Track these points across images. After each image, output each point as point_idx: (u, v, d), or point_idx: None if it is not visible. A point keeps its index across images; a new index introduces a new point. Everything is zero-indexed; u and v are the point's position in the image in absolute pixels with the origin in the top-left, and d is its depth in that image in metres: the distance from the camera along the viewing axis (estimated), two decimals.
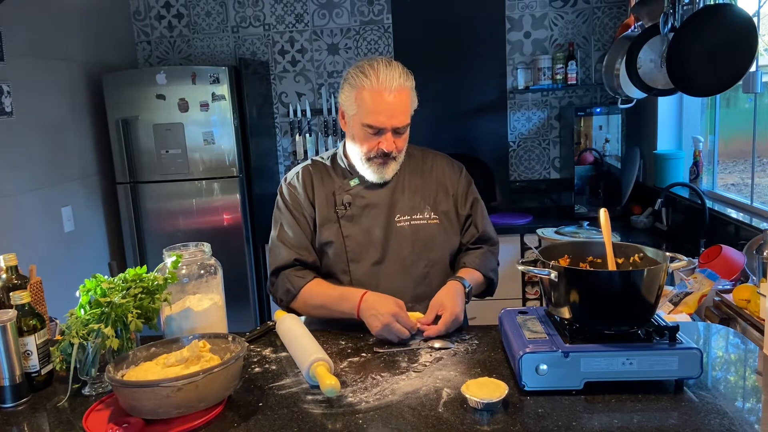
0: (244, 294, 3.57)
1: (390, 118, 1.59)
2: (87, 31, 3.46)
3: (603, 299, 1.22)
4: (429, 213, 1.72)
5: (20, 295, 1.34)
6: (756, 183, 2.71)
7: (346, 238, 1.68)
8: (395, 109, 1.59)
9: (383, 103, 1.58)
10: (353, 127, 1.65)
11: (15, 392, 1.29)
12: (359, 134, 1.64)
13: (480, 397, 1.13)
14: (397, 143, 1.64)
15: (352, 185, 1.72)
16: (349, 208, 1.69)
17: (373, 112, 1.58)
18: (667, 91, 2.42)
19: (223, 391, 1.19)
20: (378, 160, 1.65)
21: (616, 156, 3.57)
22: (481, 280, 1.73)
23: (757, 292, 1.73)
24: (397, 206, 1.71)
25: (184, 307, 1.45)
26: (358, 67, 1.63)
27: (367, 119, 1.60)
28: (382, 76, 1.57)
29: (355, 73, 1.61)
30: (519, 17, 3.82)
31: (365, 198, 1.71)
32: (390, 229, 1.70)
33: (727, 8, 2.04)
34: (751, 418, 1.11)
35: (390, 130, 1.61)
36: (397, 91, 1.58)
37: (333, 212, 1.70)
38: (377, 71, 1.58)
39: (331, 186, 1.73)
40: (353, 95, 1.62)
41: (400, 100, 1.59)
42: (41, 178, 2.97)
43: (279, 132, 4.05)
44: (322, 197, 1.72)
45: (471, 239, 1.78)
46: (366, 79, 1.59)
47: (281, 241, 1.71)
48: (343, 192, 1.71)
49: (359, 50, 3.93)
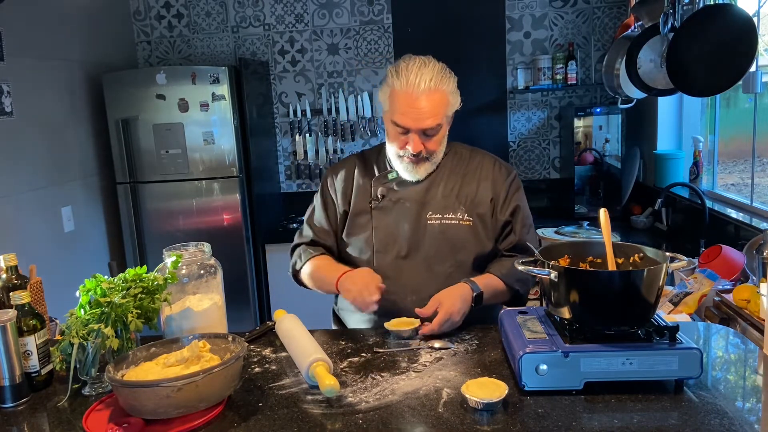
0: (244, 294, 3.57)
1: (416, 121, 1.59)
2: (87, 31, 3.46)
3: (603, 299, 1.22)
4: (462, 214, 1.70)
5: (20, 295, 1.34)
6: (756, 183, 2.71)
7: (375, 229, 1.72)
8: (423, 112, 1.58)
9: (411, 106, 1.58)
10: (387, 123, 1.68)
11: (15, 392, 1.29)
12: (390, 131, 1.67)
13: (480, 397, 1.13)
14: (427, 145, 1.63)
15: (389, 178, 1.74)
16: (382, 201, 1.72)
17: (400, 113, 1.60)
18: (667, 91, 2.42)
19: (223, 391, 1.19)
20: (407, 159, 1.66)
21: (616, 156, 3.57)
22: (502, 288, 1.68)
23: (757, 292, 1.73)
24: (431, 204, 1.71)
25: (184, 307, 1.45)
26: (395, 65, 1.64)
27: (395, 118, 1.61)
28: (412, 78, 1.58)
29: (391, 71, 1.64)
30: (519, 17, 3.82)
31: (398, 192, 1.73)
32: (419, 226, 1.70)
33: (727, 8, 2.04)
34: (751, 418, 1.11)
35: (416, 132, 1.61)
36: (426, 93, 1.58)
37: (367, 203, 1.74)
38: (409, 72, 1.59)
39: (370, 178, 1.76)
40: (387, 93, 1.65)
41: (429, 102, 1.59)
42: (41, 178, 2.97)
43: (279, 132, 4.05)
44: (359, 188, 1.76)
45: (508, 246, 1.73)
46: (397, 79, 1.60)
47: (309, 222, 1.83)
48: (379, 184, 1.74)
49: (359, 50, 3.93)
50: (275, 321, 1.58)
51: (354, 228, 1.75)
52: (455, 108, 1.68)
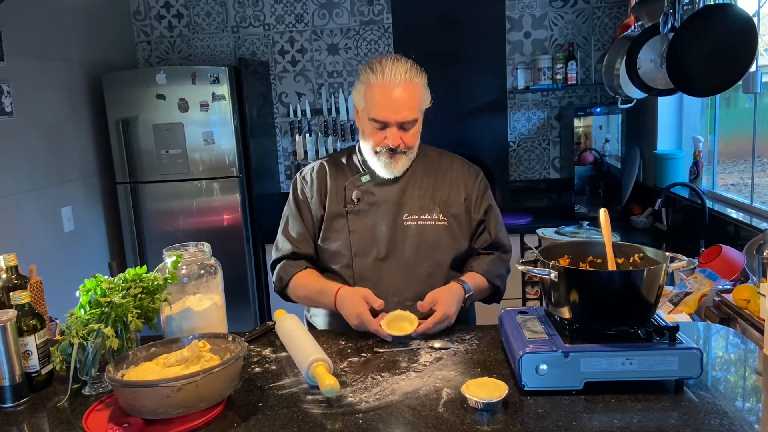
0: (244, 294, 3.57)
1: (394, 113, 1.60)
2: (87, 31, 3.47)
3: (603, 299, 1.22)
4: (438, 214, 1.72)
5: (20, 295, 1.34)
6: (756, 183, 2.71)
7: (351, 233, 1.71)
8: (400, 104, 1.60)
9: (388, 98, 1.60)
10: (362, 122, 1.69)
11: (15, 392, 1.29)
12: (367, 129, 1.67)
13: (480, 397, 1.13)
14: (404, 138, 1.64)
15: (363, 181, 1.73)
16: (358, 204, 1.72)
17: (378, 107, 1.61)
18: (667, 91, 2.42)
19: (223, 391, 1.19)
20: (385, 155, 1.66)
21: (616, 156, 3.57)
22: (485, 285, 1.73)
23: (757, 292, 1.73)
24: (406, 205, 1.72)
25: (184, 307, 1.45)
26: (368, 63, 1.66)
27: (373, 113, 1.62)
28: (387, 71, 1.60)
29: (365, 70, 1.65)
30: (519, 17, 3.82)
31: (374, 195, 1.72)
32: (396, 227, 1.70)
33: (727, 8, 2.04)
34: (751, 418, 1.11)
35: (395, 125, 1.62)
36: (402, 85, 1.60)
37: (342, 207, 1.73)
38: (383, 66, 1.61)
39: (343, 181, 1.75)
40: (362, 91, 1.66)
41: (406, 95, 1.60)
42: (41, 178, 2.97)
43: (279, 132, 4.05)
44: (333, 192, 1.74)
45: (483, 245, 1.77)
46: (373, 74, 1.62)
47: (285, 234, 1.78)
48: (354, 187, 1.73)
49: (359, 50, 3.93)
50: (275, 321, 1.59)
51: (330, 232, 1.73)
52: (427, 104, 1.70)
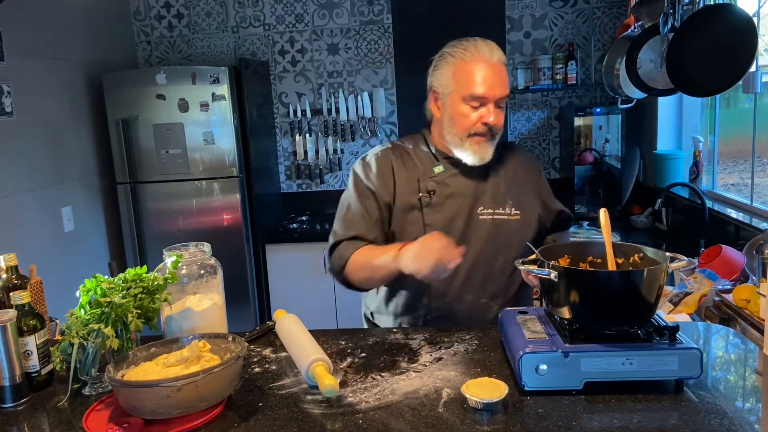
0: (244, 294, 3.57)
1: (492, 88, 1.57)
2: (87, 31, 3.46)
3: (603, 299, 1.22)
4: (510, 208, 1.67)
5: (20, 295, 1.34)
6: (756, 183, 2.71)
7: (427, 227, 1.62)
8: (497, 79, 1.58)
9: (486, 74, 1.57)
10: (450, 105, 1.62)
11: (15, 392, 1.29)
12: (459, 111, 1.61)
13: (480, 397, 1.13)
14: (498, 118, 1.60)
15: (436, 172, 1.67)
16: (433, 196, 1.65)
17: (477, 83, 1.57)
18: (667, 91, 2.42)
19: (223, 391, 1.19)
20: (478, 138, 1.60)
21: (616, 156, 3.57)
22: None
23: (757, 292, 1.73)
24: (481, 198, 1.66)
25: (184, 307, 1.45)
26: (453, 45, 1.63)
27: (470, 90, 1.57)
28: (481, 49, 1.58)
29: (452, 51, 1.61)
30: (519, 17, 3.82)
31: (449, 186, 1.66)
32: (471, 221, 1.65)
33: (727, 8, 2.04)
34: (751, 418, 1.11)
35: (492, 102, 1.58)
36: (497, 64, 1.59)
37: (416, 199, 1.65)
38: (477, 45, 1.59)
39: (414, 171, 1.68)
40: (451, 71, 1.61)
41: (500, 72, 1.59)
42: (41, 178, 2.97)
43: (279, 132, 4.05)
44: (404, 182, 1.67)
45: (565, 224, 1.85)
46: (467, 52, 1.59)
47: (344, 219, 1.69)
48: (428, 179, 1.66)
49: (359, 50, 3.93)
50: (275, 321, 1.58)
51: (403, 225, 1.66)
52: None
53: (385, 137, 3.99)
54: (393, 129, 3.97)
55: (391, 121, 3.97)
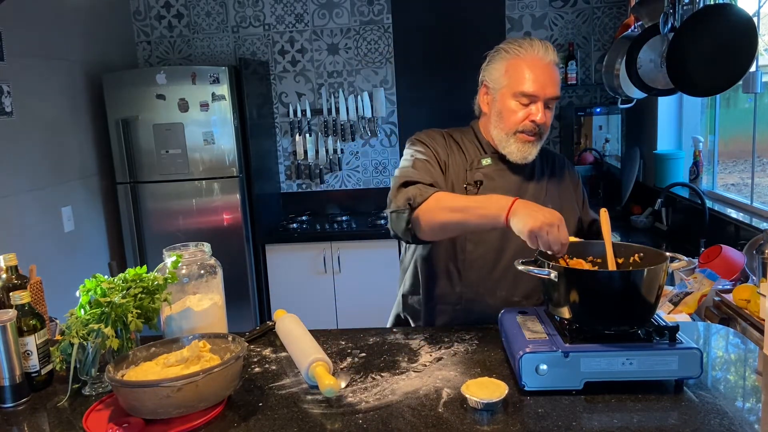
0: (244, 294, 3.57)
1: (544, 87, 1.57)
2: (87, 31, 3.47)
3: (603, 299, 1.22)
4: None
5: (20, 295, 1.34)
6: (756, 183, 2.71)
7: None
8: (549, 79, 1.58)
9: (539, 72, 1.57)
10: (500, 101, 1.62)
11: (15, 392, 1.29)
12: (508, 107, 1.60)
13: (480, 397, 1.13)
14: (547, 117, 1.60)
15: (484, 164, 1.66)
16: (480, 188, 1.62)
17: (529, 81, 1.57)
18: (667, 91, 2.42)
19: (223, 391, 1.19)
20: (524, 136, 1.60)
21: (616, 156, 3.57)
22: None
23: (757, 292, 1.73)
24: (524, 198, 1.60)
25: (184, 307, 1.45)
26: (508, 41, 1.63)
27: (522, 87, 1.57)
28: (536, 48, 1.59)
29: (508, 47, 1.61)
30: (519, 17, 3.82)
31: (495, 181, 1.64)
32: None
33: (727, 8, 2.04)
34: (751, 418, 1.11)
35: (542, 101, 1.58)
36: (551, 64, 1.59)
37: (462, 187, 1.63)
38: (532, 44, 1.60)
39: (462, 160, 1.67)
40: (504, 67, 1.61)
41: (552, 72, 1.59)
42: (41, 178, 2.97)
43: (279, 132, 4.05)
44: (456, 165, 1.65)
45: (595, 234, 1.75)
46: (521, 49, 1.59)
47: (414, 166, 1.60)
48: (476, 170, 1.65)
49: (359, 50, 3.93)
50: (275, 321, 1.58)
51: None
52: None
53: (385, 137, 3.99)
54: (393, 129, 3.97)
55: (391, 121, 3.97)
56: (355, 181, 4.09)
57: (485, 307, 1.63)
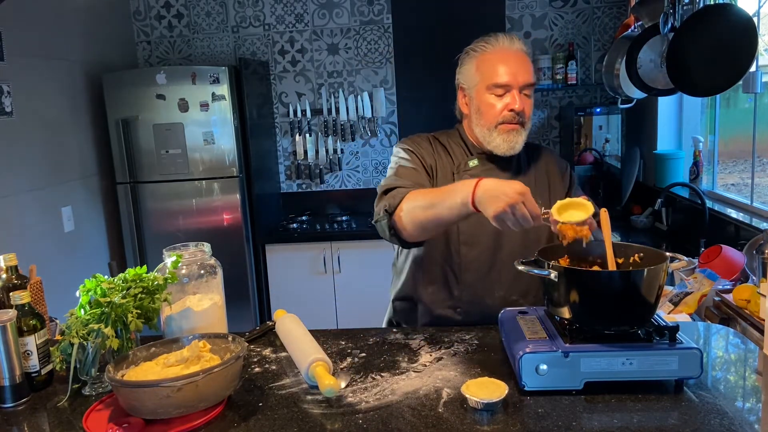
0: (244, 294, 3.57)
1: (515, 75, 1.59)
2: (87, 31, 3.47)
3: (603, 299, 1.22)
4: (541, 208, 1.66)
5: (20, 295, 1.34)
6: (756, 183, 2.71)
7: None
8: (520, 67, 1.60)
9: (508, 62, 1.60)
10: (477, 97, 1.64)
11: (15, 392, 1.29)
12: (485, 101, 1.62)
13: (480, 397, 1.13)
14: (525, 104, 1.61)
15: (471, 166, 1.68)
16: None
17: (499, 73, 1.59)
18: (667, 91, 2.42)
19: (223, 391, 1.19)
20: (507, 126, 1.60)
21: (616, 156, 3.57)
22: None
23: (757, 292, 1.73)
24: None
25: (184, 307, 1.45)
26: (475, 42, 1.67)
27: (493, 79, 1.60)
28: (501, 40, 1.62)
29: (476, 47, 1.65)
30: (519, 17, 3.82)
31: None
32: None
33: (727, 8, 2.04)
34: (751, 418, 1.11)
35: (516, 88, 1.60)
36: (520, 53, 1.62)
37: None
38: (497, 37, 1.63)
39: (450, 161, 1.69)
40: (474, 65, 1.64)
41: (521, 59, 1.62)
42: (41, 178, 2.97)
43: (279, 132, 4.05)
44: (443, 169, 1.67)
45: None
46: (488, 45, 1.63)
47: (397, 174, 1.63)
48: (463, 172, 1.66)
49: (359, 50, 3.93)
50: (275, 321, 1.59)
51: None
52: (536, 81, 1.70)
53: (385, 137, 3.99)
54: (393, 129, 3.97)
55: (391, 121, 3.97)
56: (355, 181, 4.10)
57: (484, 307, 1.63)
